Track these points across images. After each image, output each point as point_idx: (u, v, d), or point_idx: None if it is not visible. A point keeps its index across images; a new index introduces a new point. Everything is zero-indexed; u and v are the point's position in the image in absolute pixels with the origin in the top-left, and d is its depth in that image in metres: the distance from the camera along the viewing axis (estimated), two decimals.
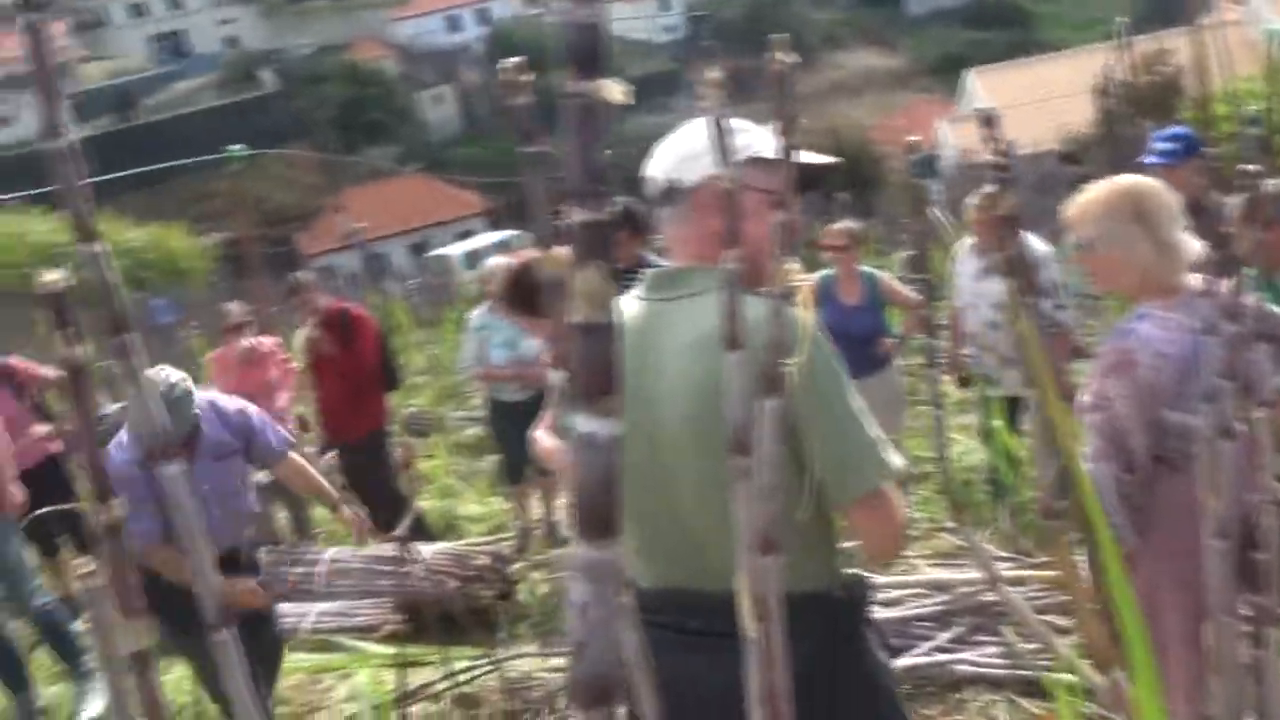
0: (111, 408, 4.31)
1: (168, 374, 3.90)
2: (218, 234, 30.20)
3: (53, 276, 0.81)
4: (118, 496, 3.39)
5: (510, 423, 6.79)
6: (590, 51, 0.62)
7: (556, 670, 4.69)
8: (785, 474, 1.72)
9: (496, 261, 6.97)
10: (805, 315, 1.84)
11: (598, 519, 0.71)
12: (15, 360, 6.58)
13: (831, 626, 1.90)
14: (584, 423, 0.69)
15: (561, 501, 7.14)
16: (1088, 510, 1.37)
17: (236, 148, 12.43)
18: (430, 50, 69.54)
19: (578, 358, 0.68)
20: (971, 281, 5.59)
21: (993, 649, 4.10)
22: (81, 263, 1.10)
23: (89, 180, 1.15)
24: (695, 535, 1.90)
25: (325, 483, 4.63)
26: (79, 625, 5.57)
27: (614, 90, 0.63)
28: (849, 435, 1.83)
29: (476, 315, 6.88)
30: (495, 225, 41.88)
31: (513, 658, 4.84)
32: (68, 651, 5.27)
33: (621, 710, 0.74)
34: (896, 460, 1.87)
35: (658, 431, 1.88)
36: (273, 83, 64.81)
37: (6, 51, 65.48)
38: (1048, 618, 4.06)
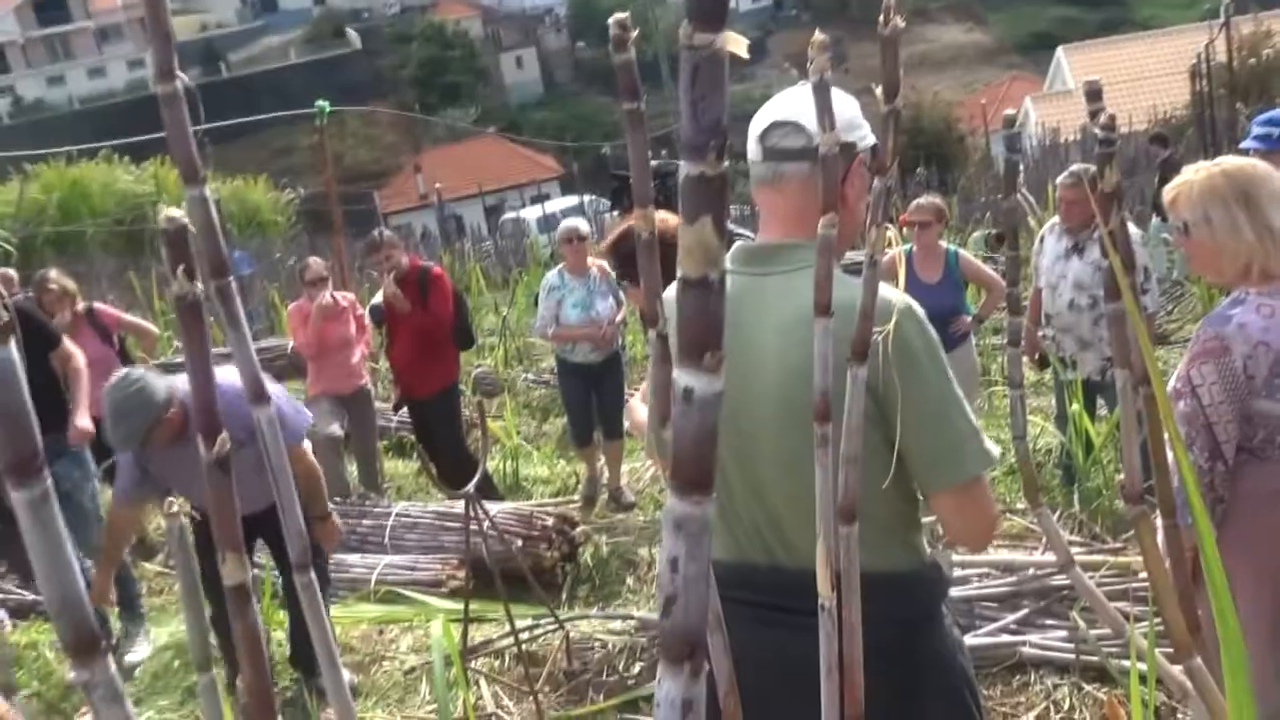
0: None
1: (131, 377, 3.87)
2: (298, 189, 30.56)
3: (174, 213, 0.82)
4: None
5: (579, 383, 6.88)
6: (714, 4, 0.62)
7: (617, 633, 4.74)
8: (871, 450, 1.70)
9: (570, 223, 7.02)
10: (900, 293, 1.81)
11: (693, 474, 0.71)
12: (100, 305, 6.76)
13: (911, 605, 1.89)
14: (686, 378, 0.69)
15: (626, 468, 7.19)
16: (1186, 494, 1.34)
17: (322, 104, 12.55)
18: (513, 12, 69.71)
19: (684, 313, 0.68)
20: (1054, 262, 5.49)
21: (1059, 632, 4.06)
22: (188, 205, 1.12)
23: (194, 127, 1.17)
24: (778, 513, 1.88)
25: (324, 491, 4.46)
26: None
27: (736, 43, 0.62)
28: (950, 421, 1.80)
29: (551, 276, 6.95)
30: (570, 189, 41.92)
31: (575, 618, 4.89)
32: (123, 595, 5.39)
33: (707, 666, 0.74)
34: (994, 449, 1.84)
35: (750, 408, 1.84)
36: (358, 41, 65.43)
37: (99, 4, 66.87)
38: (1118, 604, 4.01)
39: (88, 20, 66.80)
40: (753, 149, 1.93)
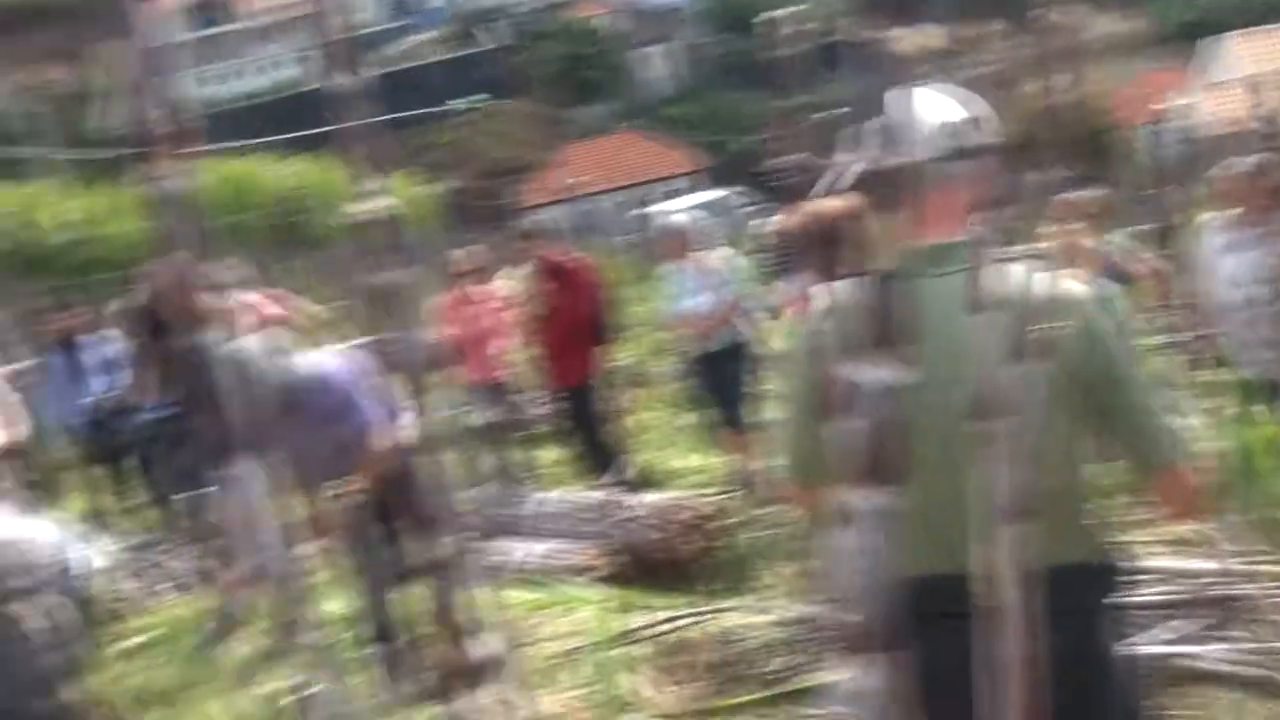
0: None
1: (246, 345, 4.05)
2: (442, 184, 31.28)
3: (366, 207, 0.87)
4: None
5: (700, 372, 7.05)
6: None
7: (763, 626, 4.71)
8: (1080, 437, 1.81)
9: (659, 221, 7.28)
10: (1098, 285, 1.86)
11: (881, 467, 0.71)
12: (253, 297, 7.02)
13: (1102, 593, 1.93)
14: (870, 371, 0.70)
15: (763, 460, 7.17)
16: None
17: (466, 101, 12.84)
18: (649, 8, 69.87)
19: (871, 307, 0.69)
20: (1223, 256, 5.28)
21: (1235, 644, 3.89)
22: (364, 197, 1.16)
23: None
24: None
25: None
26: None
27: (932, 37, 0.62)
28: (1160, 404, 1.90)
29: (665, 268, 7.28)
30: (707, 184, 41.91)
31: (727, 609, 4.88)
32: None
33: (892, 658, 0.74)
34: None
35: (959, 412, 1.85)
36: (496, 39, 66.51)
37: (258, 5, 69.47)
38: None
39: (245, 21, 69.49)
40: (928, 145, 1.83)
